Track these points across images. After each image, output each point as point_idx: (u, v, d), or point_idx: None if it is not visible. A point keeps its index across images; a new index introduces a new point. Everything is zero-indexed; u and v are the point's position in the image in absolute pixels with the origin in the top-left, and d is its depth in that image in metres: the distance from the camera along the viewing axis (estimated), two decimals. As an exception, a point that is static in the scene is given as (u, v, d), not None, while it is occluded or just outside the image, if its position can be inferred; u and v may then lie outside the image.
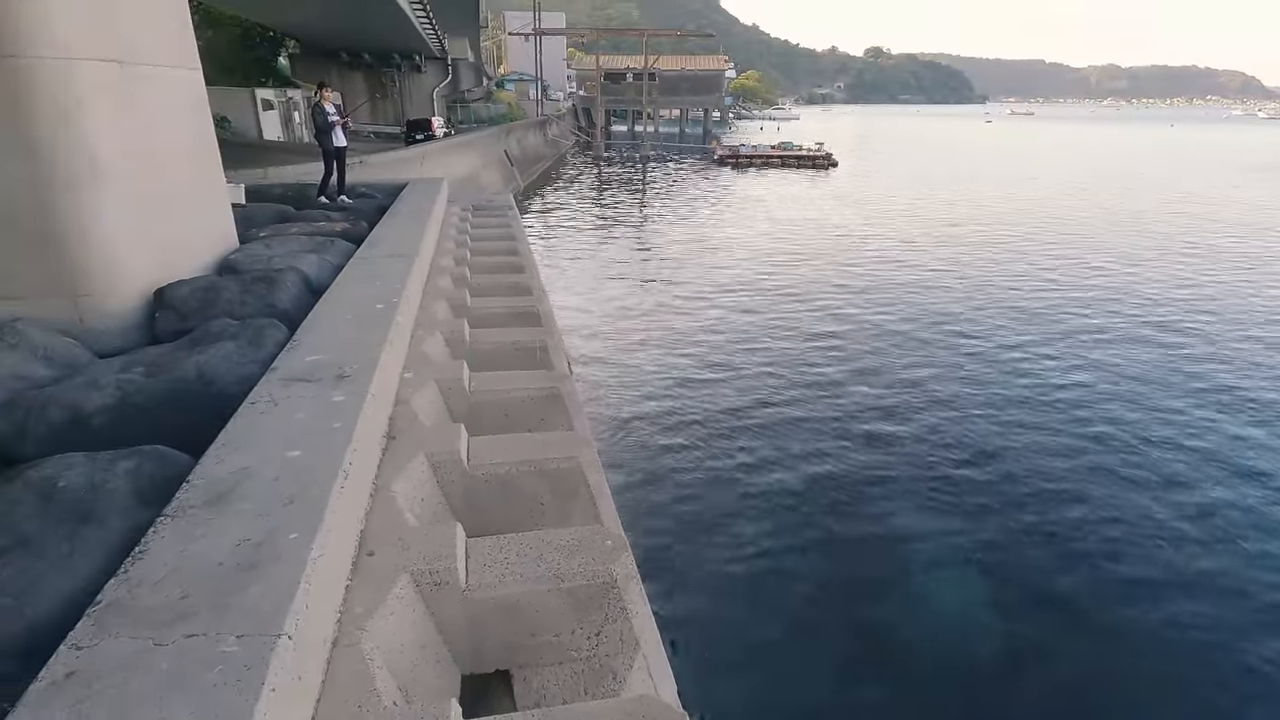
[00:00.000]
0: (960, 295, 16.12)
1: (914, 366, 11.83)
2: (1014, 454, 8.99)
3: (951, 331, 13.61)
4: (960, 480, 8.37)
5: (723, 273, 18.14)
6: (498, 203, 11.05)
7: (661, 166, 45.21)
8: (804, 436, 9.39)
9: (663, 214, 27.45)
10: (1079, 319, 14.45)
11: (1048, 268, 18.81)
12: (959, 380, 11.28)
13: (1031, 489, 8.20)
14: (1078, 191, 35.18)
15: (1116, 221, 26.41)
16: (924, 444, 9.22)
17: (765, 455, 8.88)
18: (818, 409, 10.22)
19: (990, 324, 14.08)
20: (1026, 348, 12.74)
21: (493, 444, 3.21)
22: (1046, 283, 17.32)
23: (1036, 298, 15.97)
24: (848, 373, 11.54)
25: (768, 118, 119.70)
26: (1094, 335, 13.46)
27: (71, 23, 3.68)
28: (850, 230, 24.13)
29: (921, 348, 12.75)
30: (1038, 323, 14.20)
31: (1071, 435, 9.48)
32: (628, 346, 12.70)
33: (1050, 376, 11.46)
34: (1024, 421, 9.88)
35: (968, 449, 9.09)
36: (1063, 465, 8.72)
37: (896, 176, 42.47)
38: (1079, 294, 16.32)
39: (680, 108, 76.34)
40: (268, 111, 25.57)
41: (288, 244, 5.59)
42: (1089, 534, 7.39)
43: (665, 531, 7.31)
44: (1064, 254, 20.53)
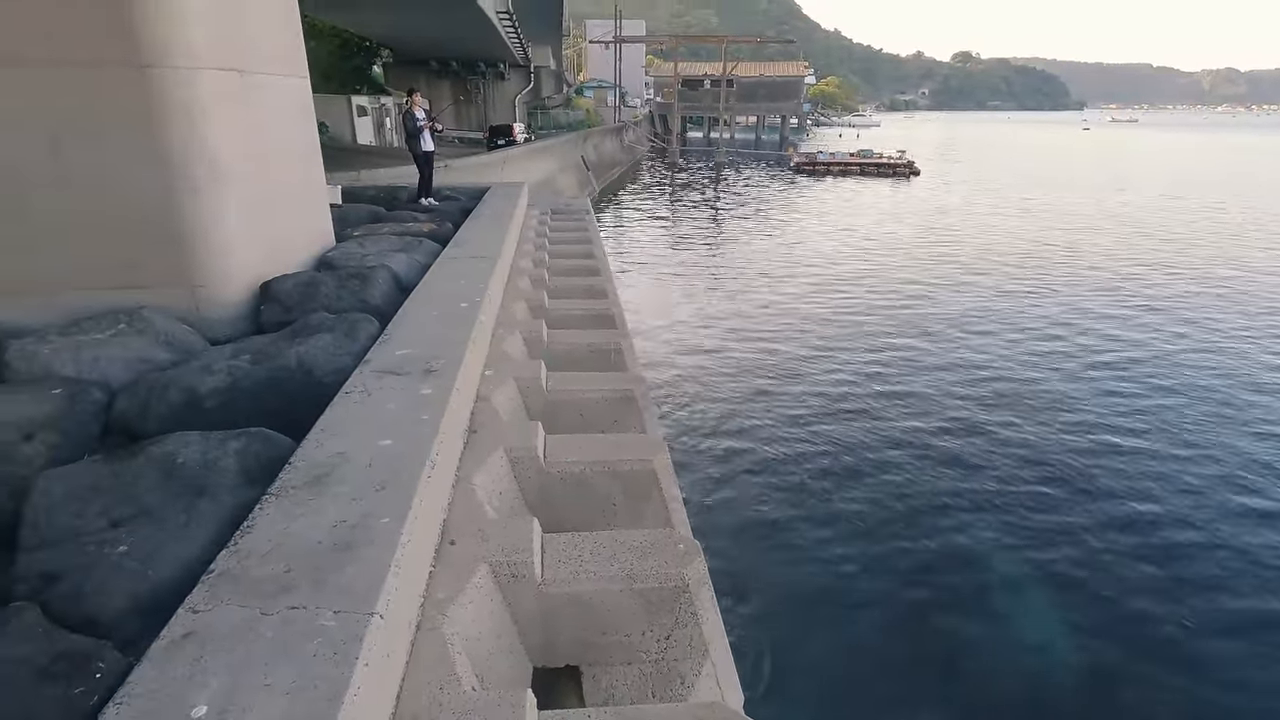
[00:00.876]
0: (1044, 309, 15.30)
1: (988, 381, 11.31)
2: (1100, 475, 8.45)
3: (1035, 349, 12.93)
4: (1043, 501, 7.93)
5: (793, 281, 17.86)
6: (575, 207, 11.26)
7: (736, 173, 44.96)
8: (874, 449, 9.12)
9: (735, 220, 27.29)
10: (1177, 338, 13.46)
11: (1140, 282, 17.60)
12: (1038, 396, 10.71)
13: (1122, 514, 7.69)
14: (1198, 206, 32.74)
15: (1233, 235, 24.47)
16: (1003, 461, 8.79)
17: (833, 467, 8.68)
18: (888, 421, 9.91)
19: (1076, 341, 13.30)
20: (1116, 366, 11.96)
21: (568, 443, 3.28)
22: (1138, 298, 16.21)
23: (1126, 314, 14.97)
24: (918, 386, 11.15)
25: (847, 124, 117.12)
26: (1193, 355, 12.51)
27: (202, 35, 4.00)
28: (930, 241, 23.31)
29: (1000, 363, 12.17)
30: (1129, 340, 13.31)
31: (1166, 458, 8.83)
32: (697, 351, 12.67)
33: (1132, 392, 10.72)
34: (1109, 440, 9.27)
35: (1048, 466, 8.61)
36: (1157, 489, 8.14)
37: (982, 185, 40.70)
38: (1180, 311, 15.20)
39: (757, 114, 75.73)
40: (362, 117, 26.95)
41: (379, 243, 5.87)
42: (1183, 562, 6.87)
43: (731, 538, 7.25)
44: (1160, 268, 19.15)
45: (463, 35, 27.77)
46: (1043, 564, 6.95)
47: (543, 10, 30.30)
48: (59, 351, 3.28)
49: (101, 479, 2.31)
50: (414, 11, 21.81)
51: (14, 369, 3.19)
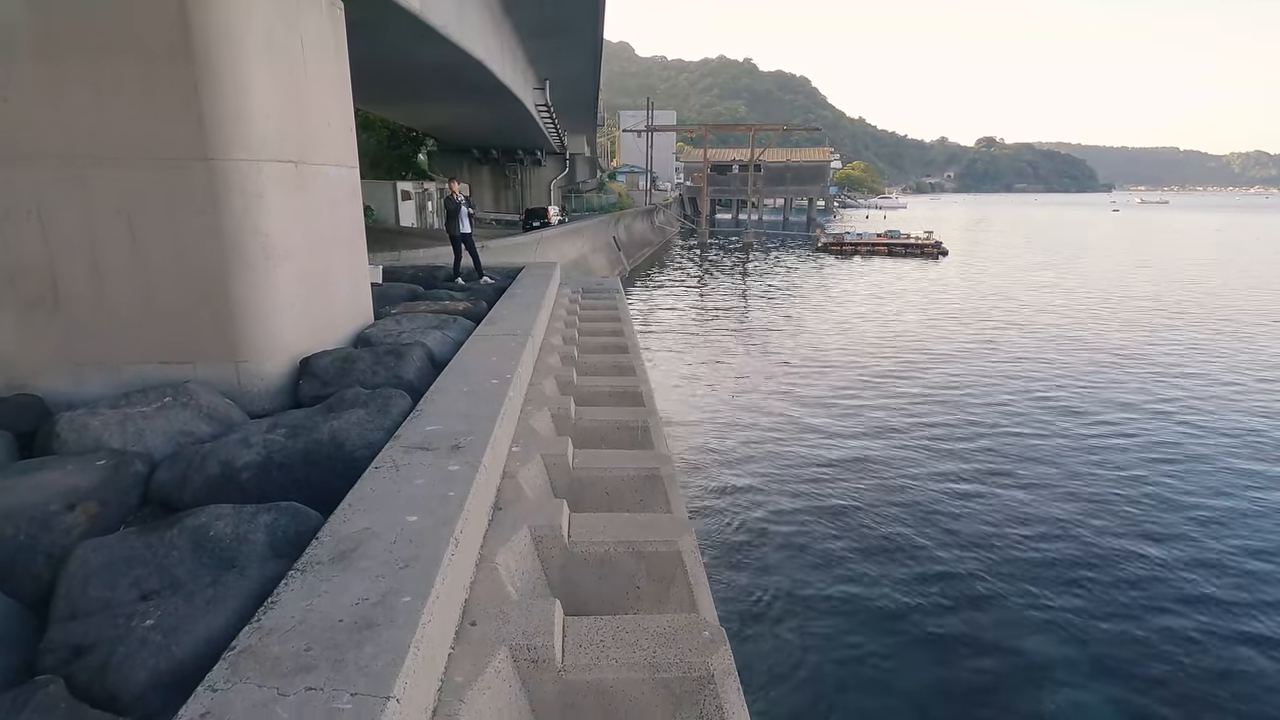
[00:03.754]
0: (1076, 389, 14.93)
1: (1015, 462, 10.94)
2: (1132, 558, 7.98)
3: (1062, 428, 12.55)
4: (1071, 586, 7.49)
5: (820, 359, 17.81)
6: (605, 285, 11.54)
7: (764, 253, 45.81)
8: (904, 531, 8.80)
9: (762, 299, 27.58)
10: (1201, 415, 12.95)
11: (1170, 363, 17.13)
12: (1064, 478, 10.30)
13: (1155, 600, 7.21)
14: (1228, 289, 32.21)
15: (1274, 318, 23.89)
16: (1032, 548, 8.38)
17: (864, 551, 8.37)
18: (919, 505, 9.59)
19: (1108, 420, 12.88)
20: (1146, 446, 11.51)
21: (593, 522, 3.25)
22: (1165, 377, 15.74)
23: (1156, 392, 14.52)
24: (949, 468, 10.83)
25: (874, 206, 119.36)
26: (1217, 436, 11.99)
27: (265, 131, 4.34)
28: (958, 320, 23.19)
29: (1025, 445, 11.80)
30: (1159, 418, 12.85)
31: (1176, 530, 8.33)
32: (725, 430, 12.58)
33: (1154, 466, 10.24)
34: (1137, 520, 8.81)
35: (1073, 548, 8.18)
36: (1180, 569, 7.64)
37: (1012, 265, 40.68)
38: (1203, 391, 14.69)
39: (784, 197, 77.76)
40: (405, 201, 28.39)
41: (415, 320, 6.07)
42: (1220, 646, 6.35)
43: (760, 624, 6.96)
44: (1192, 347, 18.67)
45: (503, 127, 29.47)
46: (1086, 662, 6.50)
47: (579, 103, 32.10)
48: (108, 423, 3.42)
49: (135, 550, 2.35)
50: (459, 105, 23.30)
51: (64, 440, 3.32)
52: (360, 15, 7.14)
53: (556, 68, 23.26)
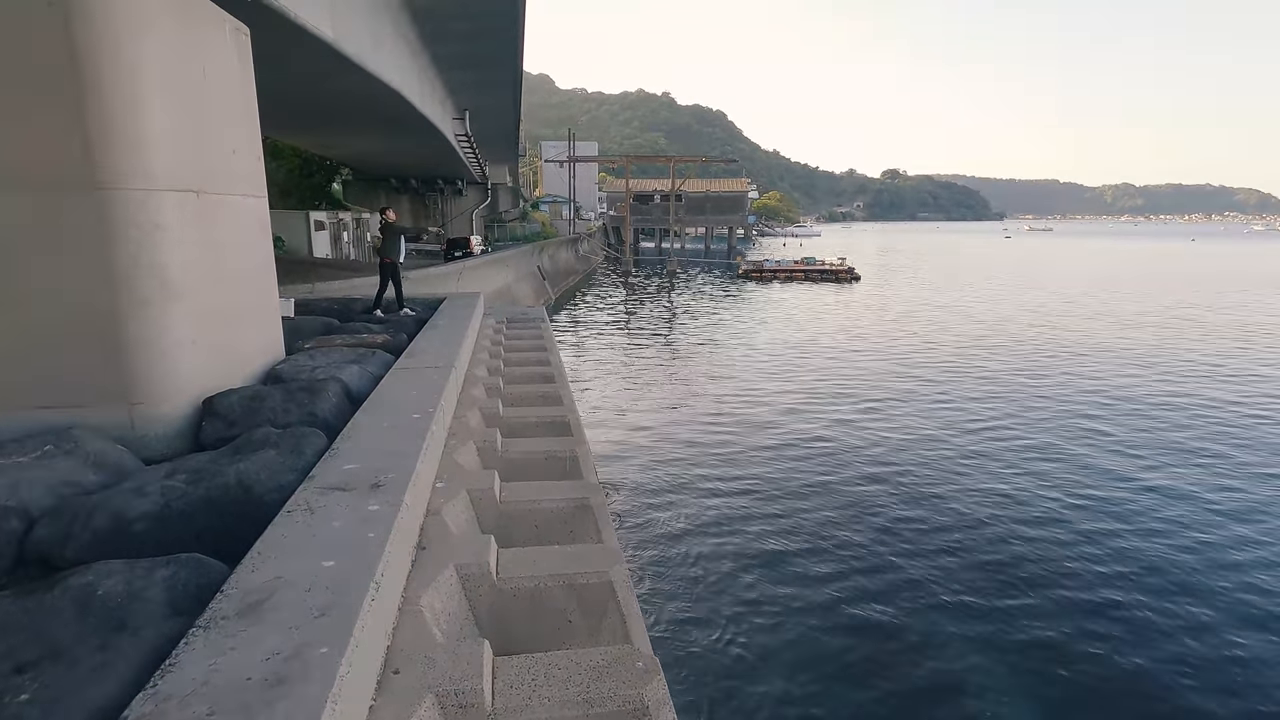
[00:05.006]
0: (988, 404, 15.90)
1: (938, 479, 11.51)
2: (1039, 564, 8.51)
3: (982, 438, 13.32)
4: (982, 592, 7.90)
5: (746, 381, 18.23)
6: (530, 315, 11.45)
7: (687, 280, 46.72)
8: (831, 551, 9.04)
9: (688, 325, 28.07)
10: (1099, 420, 14.08)
11: (1080, 374, 18.57)
12: (988, 490, 10.91)
13: (1050, 597, 7.70)
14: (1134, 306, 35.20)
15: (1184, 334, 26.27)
16: (957, 560, 8.79)
17: (796, 572, 8.53)
18: (841, 521, 9.89)
19: (1017, 430, 13.77)
20: (1048, 449, 12.37)
21: (523, 556, 3.18)
22: (1077, 387, 17.04)
23: (1059, 400, 15.67)
24: (869, 484, 11.26)
25: (790, 234, 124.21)
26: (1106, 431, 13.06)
27: (163, 160, 4.11)
28: (873, 342, 24.31)
29: (944, 457, 12.45)
30: (1056, 427, 13.85)
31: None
32: (654, 455, 12.61)
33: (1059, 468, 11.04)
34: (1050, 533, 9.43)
35: (989, 556, 8.65)
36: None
37: (922, 289, 43.14)
38: (1102, 395, 15.99)
39: (705, 226, 79.85)
40: (319, 232, 27.37)
41: (330, 355, 5.83)
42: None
43: (694, 652, 6.94)
44: (1097, 360, 20.31)
45: (423, 156, 29.03)
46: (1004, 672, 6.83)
47: (500, 134, 32.05)
48: (-25, 477, 3.09)
49: (9, 616, 2.12)
50: (376, 135, 22.81)
51: (-77, 497, 2.97)
52: (270, 42, 6.92)
53: (477, 99, 23.20)
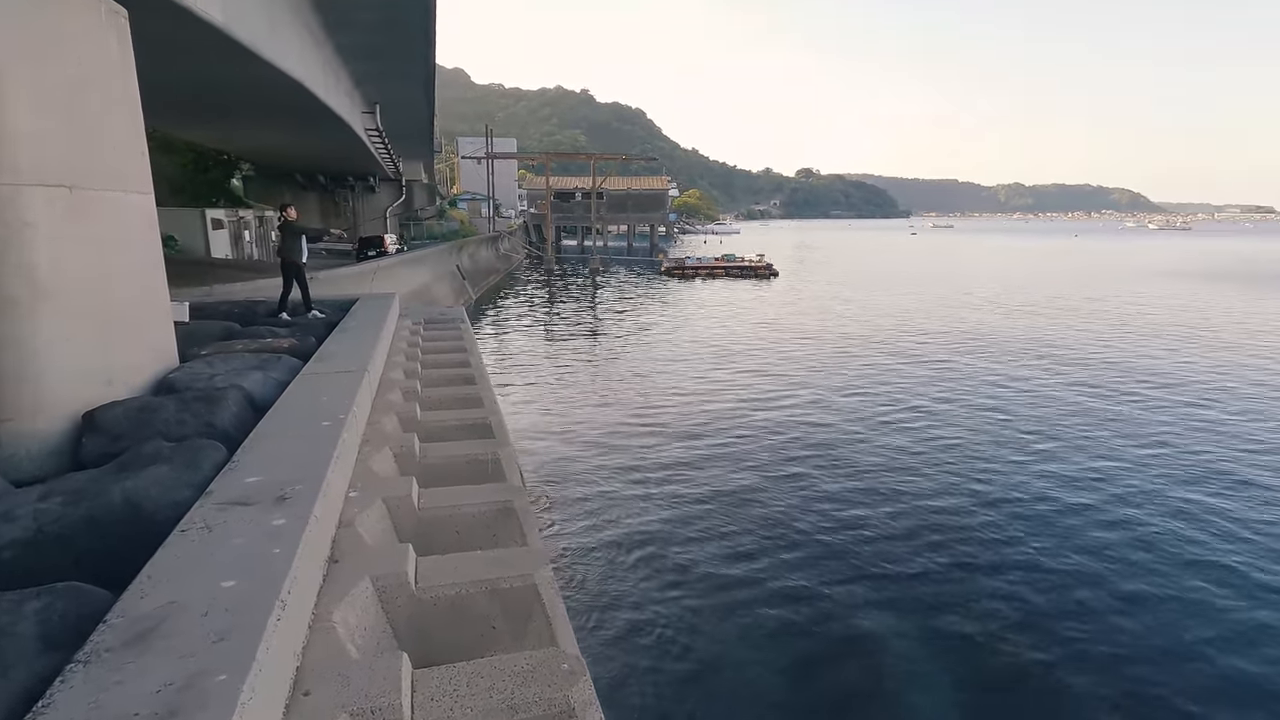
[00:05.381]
0: (898, 391, 16.73)
1: (854, 462, 12.02)
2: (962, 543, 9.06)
3: (892, 422, 14.01)
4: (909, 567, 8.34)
5: (671, 377, 18.44)
6: (449, 315, 11.15)
7: (610, 278, 46.77)
8: (758, 538, 9.28)
9: (612, 323, 28.10)
10: (1012, 403, 15.11)
11: (982, 357, 19.82)
12: (906, 467, 11.50)
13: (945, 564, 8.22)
14: (1026, 298, 37.67)
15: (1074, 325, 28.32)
16: (886, 542, 9.21)
17: (726, 564, 8.70)
18: (767, 508, 10.18)
19: (925, 413, 14.57)
20: (961, 425, 13.18)
21: (442, 564, 3.08)
22: (976, 368, 18.19)
23: (965, 385, 16.70)
24: (791, 471, 11.63)
25: (710, 232, 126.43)
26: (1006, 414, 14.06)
27: (31, 154, 3.73)
28: (791, 335, 25.10)
29: (858, 441, 13.02)
30: (980, 407, 14.78)
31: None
32: (580, 454, 12.56)
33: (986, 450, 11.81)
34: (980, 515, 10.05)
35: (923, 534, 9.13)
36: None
37: (833, 283, 44.86)
38: (1012, 378, 17.16)
39: (627, 224, 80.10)
40: (217, 230, 25.70)
41: (231, 361, 5.48)
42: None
43: (624, 650, 6.96)
44: (1023, 350, 21.72)
45: (330, 151, 27.75)
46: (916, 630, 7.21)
47: (414, 129, 31.00)
48: None
49: None
50: (278, 128, 21.60)
51: None
52: (153, 26, 6.42)
53: (387, 92, 22.36)
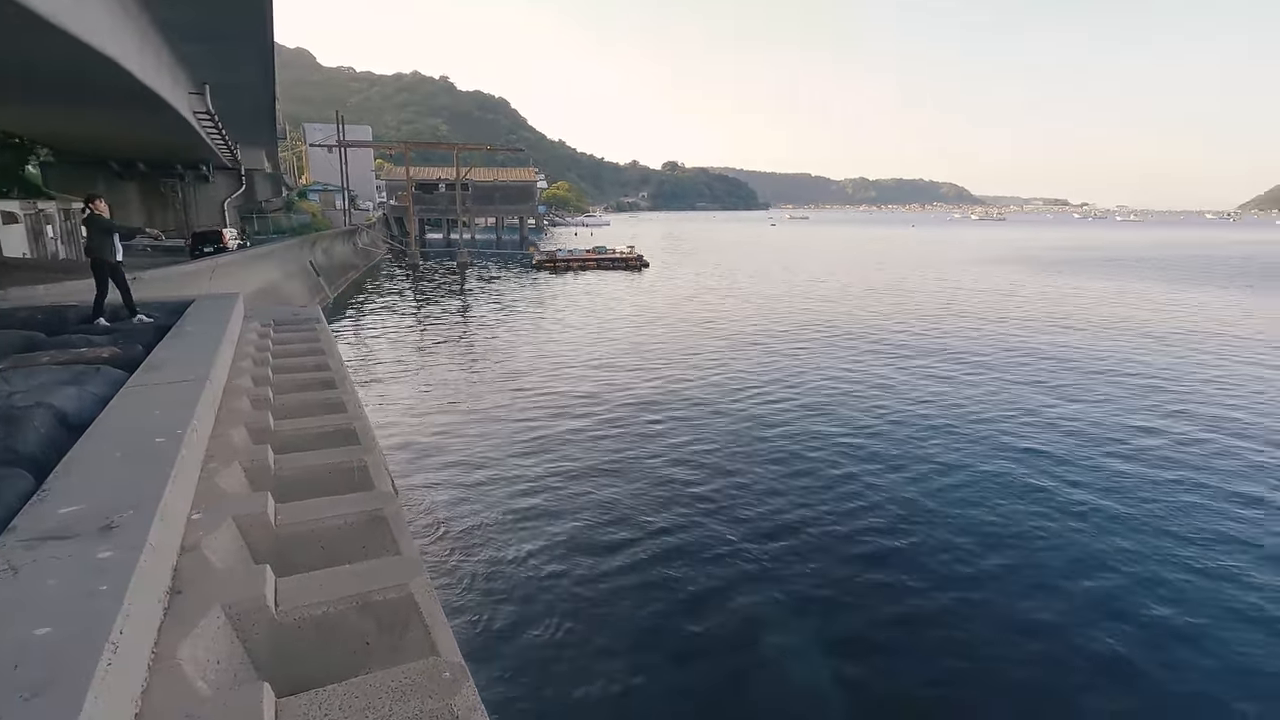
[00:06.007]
0: (765, 373, 17.67)
1: (730, 445, 12.59)
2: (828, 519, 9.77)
3: (760, 402, 14.79)
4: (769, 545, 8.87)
5: (547, 371, 18.30)
6: (304, 315, 10.35)
7: (480, 272, 45.50)
8: (637, 527, 9.46)
9: (484, 318, 27.38)
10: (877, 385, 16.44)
11: (847, 337, 21.37)
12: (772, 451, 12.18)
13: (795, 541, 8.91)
14: (879, 283, 40.72)
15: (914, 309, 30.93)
16: (756, 520, 9.71)
17: (603, 553, 8.79)
18: (647, 497, 10.41)
19: (789, 393, 15.52)
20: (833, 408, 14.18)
21: (307, 583, 2.87)
22: (836, 346, 19.62)
23: (823, 364, 17.98)
24: (668, 457, 11.98)
25: (581, 224, 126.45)
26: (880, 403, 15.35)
27: None
28: (663, 324, 25.73)
29: (731, 424, 13.66)
30: (842, 387, 15.93)
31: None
32: (456, 457, 12.16)
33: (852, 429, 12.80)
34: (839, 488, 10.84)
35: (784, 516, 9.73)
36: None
37: (702, 272, 46.45)
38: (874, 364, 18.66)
39: (495, 216, 78.28)
40: (9, 225, 22.20)
41: (36, 376, 4.77)
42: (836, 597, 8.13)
43: (509, 654, 6.85)
44: (876, 333, 23.49)
45: (152, 137, 24.74)
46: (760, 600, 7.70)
47: (252, 112, 28.28)
48: None
49: None
50: (88, 110, 18.90)
51: None
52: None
53: (219, 71, 20.23)
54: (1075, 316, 28.10)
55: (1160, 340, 23.15)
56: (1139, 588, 8.01)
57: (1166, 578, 8.24)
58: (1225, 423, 14.21)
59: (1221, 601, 7.80)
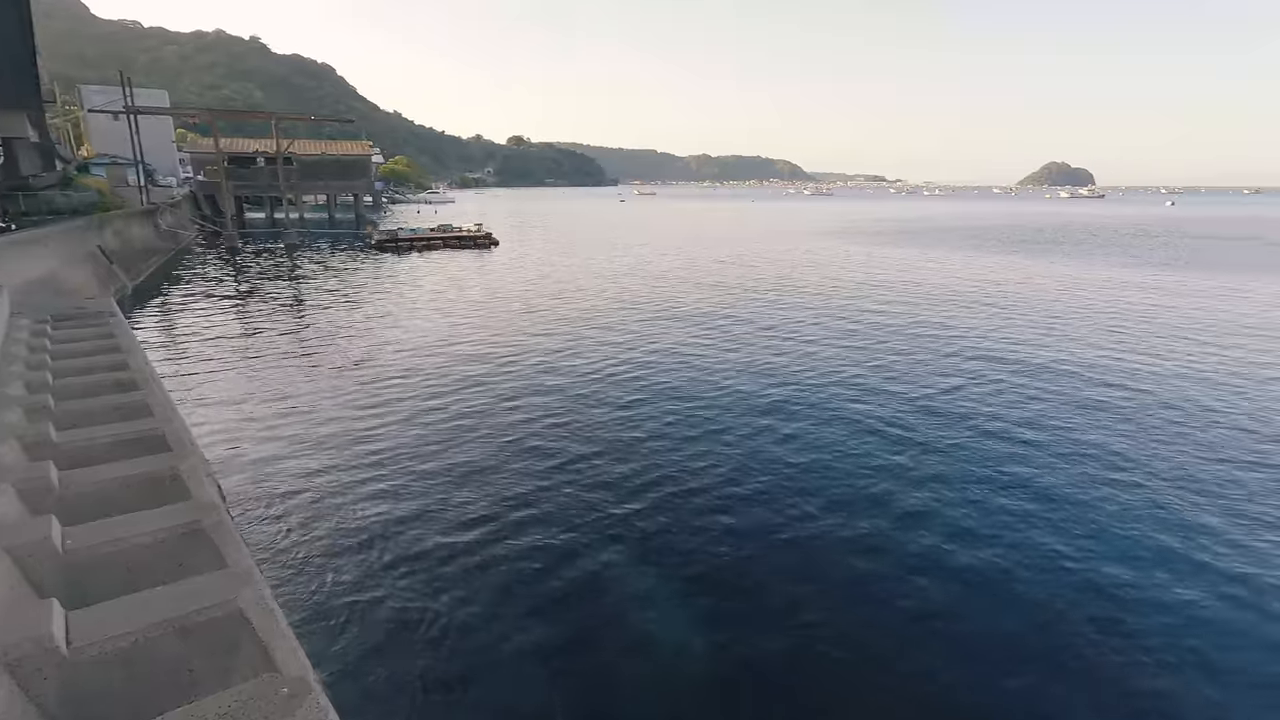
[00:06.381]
0: (621, 348, 17.97)
1: (589, 424, 12.72)
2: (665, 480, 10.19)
3: (613, 379, 15.05)
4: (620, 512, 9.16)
5: (394, 361, 17.34)
6: (93, 310, 8.98)
7: (312, 255, 41.88)
8: (491, 508, 9.32)
9: (320, 305, 25.29)
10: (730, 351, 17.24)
11: (696, 310, 22.16)
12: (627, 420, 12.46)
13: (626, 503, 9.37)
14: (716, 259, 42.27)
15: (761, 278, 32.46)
16: (615, 488, 9.89)
17: (456, 533, 8.57)
18: (499, 476, 10.28)
19: (645, 368, 15.94)
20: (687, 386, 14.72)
21: (107, 613, 2.51)
22: (692, 318, 20.36)
23: (677, 338, 18.64)
24: (522, 436, 11.88)
25: (424, 201, 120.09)
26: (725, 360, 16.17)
27: None
28: (516, 303, 25.27)
29: (586, 400, 13.81)
30: (698, 364, 16.54)
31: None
32: (296, 456, 11.21)
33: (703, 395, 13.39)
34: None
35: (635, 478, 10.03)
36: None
37: (554, 250, 46.04)
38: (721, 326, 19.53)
39: (326, 193, 72.34)
40: None
41: None
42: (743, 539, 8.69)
43: (370, 650, 6.50)
44: (726, 302, 24.42)
45: None
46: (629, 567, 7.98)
47: (6, 67, 23.72)
48: None
49: None
50: None
51: None
52: None
53: (-49, 16, 16.72)
54: (894, 283, 31.24)
55: (953, 298, 26.40)
56: (952, 536, 9.12)
57: (976, 525, 9.48)
58: (996, 360, 16.54)
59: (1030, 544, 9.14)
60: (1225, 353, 18.62)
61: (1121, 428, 12.71)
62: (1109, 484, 10.36)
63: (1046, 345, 19.20)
